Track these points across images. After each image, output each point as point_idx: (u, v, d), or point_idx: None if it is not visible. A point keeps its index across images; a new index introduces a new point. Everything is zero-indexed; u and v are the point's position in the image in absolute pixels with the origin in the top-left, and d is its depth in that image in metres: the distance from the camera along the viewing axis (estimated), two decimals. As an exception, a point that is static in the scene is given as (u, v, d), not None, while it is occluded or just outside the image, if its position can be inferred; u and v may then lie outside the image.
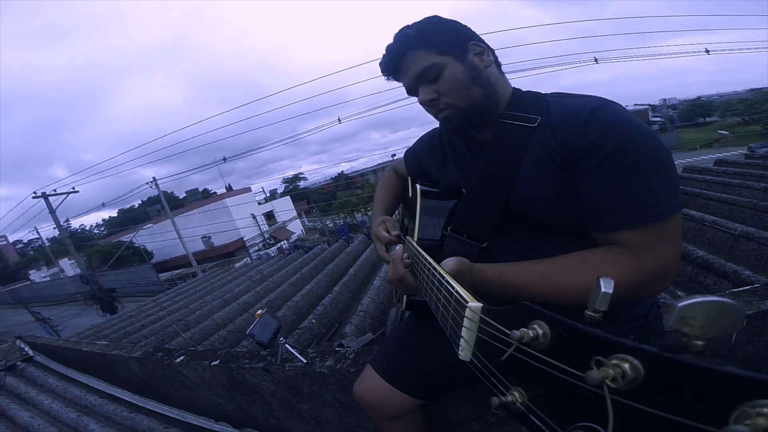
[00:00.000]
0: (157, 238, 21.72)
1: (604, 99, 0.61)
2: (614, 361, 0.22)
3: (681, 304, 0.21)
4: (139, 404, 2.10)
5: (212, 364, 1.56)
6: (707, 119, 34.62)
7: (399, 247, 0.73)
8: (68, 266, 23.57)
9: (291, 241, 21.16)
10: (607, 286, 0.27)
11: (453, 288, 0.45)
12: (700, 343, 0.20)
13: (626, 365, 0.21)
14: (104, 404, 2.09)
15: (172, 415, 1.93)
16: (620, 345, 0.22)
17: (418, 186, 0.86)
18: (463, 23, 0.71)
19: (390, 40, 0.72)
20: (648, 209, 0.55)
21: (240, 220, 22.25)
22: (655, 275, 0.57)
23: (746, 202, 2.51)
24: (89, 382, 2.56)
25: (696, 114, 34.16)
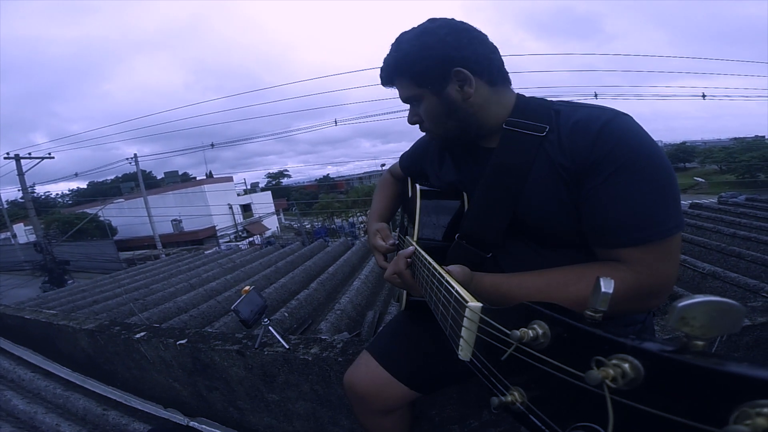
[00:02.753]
0: (125, 215, 20.75)
1: (616, 111, 0.60)
2: (614, 361, 0.22)
3: (681, 304, 0.21)
4: (77, 382, 1.91)
5: (178, 342, 1.43)
6: (687, 165, 36.69)
7: (411, 248, 0.71)
8: (22, 232, 22.05)
9: (264, 236, 20.68)
10: (607, 287, 0.27)
11: (453, 288, 0.45)
12: (700, 343, 0.20)
13: (626, 365, 0.21)
14: (35, 379, 1.88)
15: (114, 398, 1.75)
16: (620, 345, 0.22)
17: (417, 186, 0.86)
18: (454, 39, 0.65)
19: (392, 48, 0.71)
20: (652, 228, 0.55)
21: (215, 207, 21.60)
22: (652, 292, 0.57)
23: (716, 245, 2.66)
24: (22, 355, 2.31)
25: (678, 159, 36.13)
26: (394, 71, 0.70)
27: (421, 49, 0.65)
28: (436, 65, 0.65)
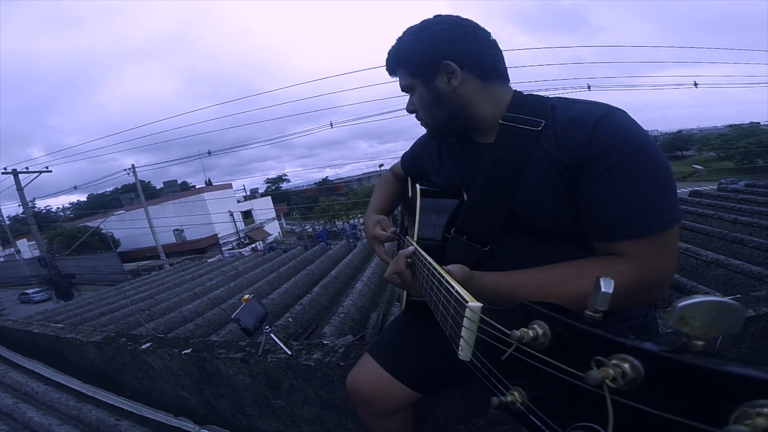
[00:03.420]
0: (126, 226, 20.81)
1: (611, 106, 0.60)
2: (614, 361, 0.22)
3: (681, 304, 0.21)
4: (89, 394, 1.91)
5: (183, 352, 1.43)
6: (684, 153, 36.53)
7: (411, 248, 0.72)
8: (26, 247, 22.16)
9: (267, 242, 20.70)
10: (607, 286, 0.27)
11: (453, 288, 0.45)
12: (700, 343, 0.20)
13: (626, 365, 0.21)
14: (48, 392, 1.89)
15: (126, 408, 1.76)
16: (620, 345, 0.22)
17: (417, 185, 0.85)
18: (448, 34, 0.68)
19: (392, 44, 0.76)
20: (650, 221, 0.55)
21: (216, 215, 21.64)
22: (652, 285, 0.57)
23: (717, 232, 2.65)
24: (34, 368, 2.32)
25: (675, 147, 35.97)
26: (394, 61, 0.75)
27: (416, 43, 0.69)
28: (426, 58, 0.68)
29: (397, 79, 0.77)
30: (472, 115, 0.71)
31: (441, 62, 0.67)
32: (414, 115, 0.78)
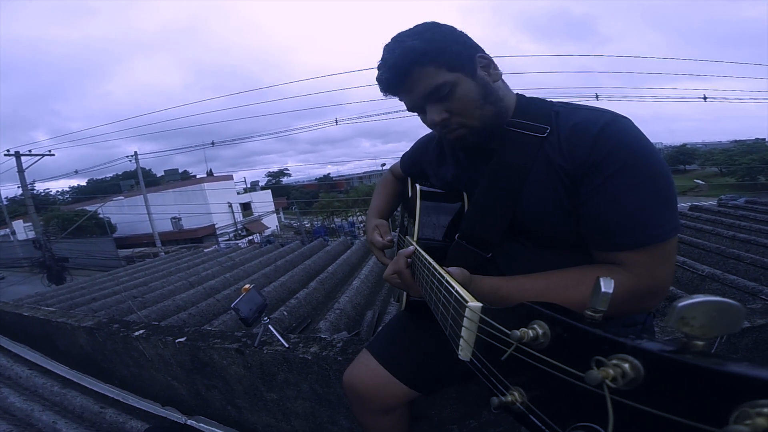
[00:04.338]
0: (124, 212, 20.75)
1: (615, 114, 0.60)
2: (614, 361, 0.22)
3: (681, 304, 0.21)
4: (75, 380, 1.90)
5: (177, 340, 1.42)
6: (687, 167, 36.70)
7: (411, 247, 0.71)
8: (21, 229, 22.05)
9: (264, 235, 20.67)
10: (607, 286, 0.27)
11: (453, 288, 0.45)
12: (700, 343, 0.20)
13: (626, 365, 0.21)
14: (33, 377, 1.87)
15: (112, 395, 1.74)
16: (620, 345, 0.22)
17: (417, 186, 0.86)
18: (457, 31, 0.66)
19: (384, 50, 0.66)
20: (649, 231, 0.55)
21: (215, 205, 21.60)
22: (649, 294, 0.58)
23: (715, 248, 2.65)
24: (19, 352, 2.30)
25: (678, 161, 36.12)
26: (421, 58, 0.61)
27: (446, 33, 0.64)
28: (465, 48, 0.64)
29: (400, 97, 0.68)
30: (503, 111, 0.67)
31: (476, 55, 0.64)
32: (443, 123, 0.66)
